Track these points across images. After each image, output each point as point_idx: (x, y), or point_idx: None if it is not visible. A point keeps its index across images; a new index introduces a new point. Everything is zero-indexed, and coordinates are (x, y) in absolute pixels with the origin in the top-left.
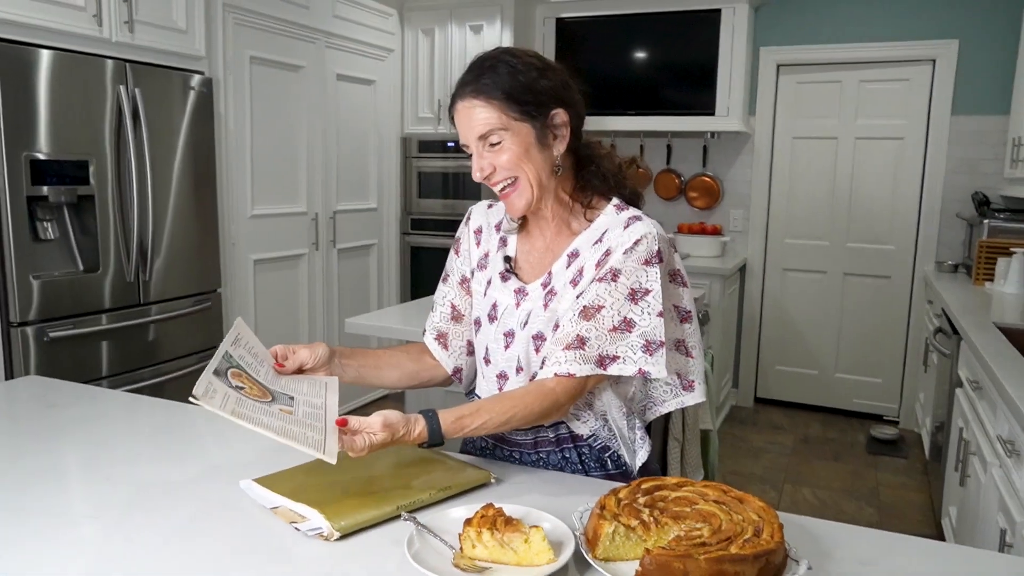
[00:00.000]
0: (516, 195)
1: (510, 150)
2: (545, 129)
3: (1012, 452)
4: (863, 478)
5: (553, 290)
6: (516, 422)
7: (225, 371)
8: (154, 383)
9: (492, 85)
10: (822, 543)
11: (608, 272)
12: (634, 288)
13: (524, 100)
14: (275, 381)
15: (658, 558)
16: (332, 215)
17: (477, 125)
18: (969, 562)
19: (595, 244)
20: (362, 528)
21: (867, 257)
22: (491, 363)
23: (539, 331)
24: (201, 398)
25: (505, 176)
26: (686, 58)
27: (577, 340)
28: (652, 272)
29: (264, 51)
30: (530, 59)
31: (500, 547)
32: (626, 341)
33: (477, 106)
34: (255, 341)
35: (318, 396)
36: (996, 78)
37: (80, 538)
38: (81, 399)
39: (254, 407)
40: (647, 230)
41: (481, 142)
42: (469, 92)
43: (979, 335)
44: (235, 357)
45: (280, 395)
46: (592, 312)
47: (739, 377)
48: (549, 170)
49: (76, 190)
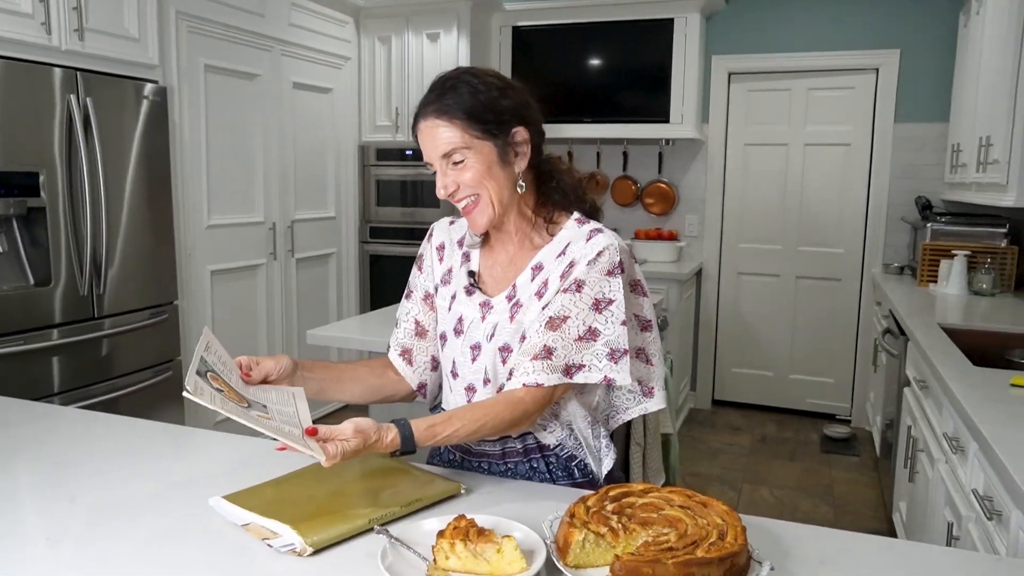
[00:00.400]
0: (478, 212)
1: (473, 168)
2: (507, 147)
3: (957, 449)
4: (818, 476)
5: (519, 303)
6: (487, 431)
7: (204, 374)
8: (108, 399)
9: (454, 105)
10: (783, 543)
11: (573, 283)
12: (598, 298)
13: (485, 119)
14: (245, 390)
15: (628, 564)
16: (290, 224)
17: (440, 144)
18: (920, 557)
19: (558, 257)
20: (335, 543)
21: (818, 260)
22: (459, 376)
23: (505, 343)
24: (193, 393)
25: (468, 193)
26: (641, 66)
27: (544, 350)
28: (615, 282)
29: (219, 59)
30: (491, 79)
31: (473, 558)
32: (591, 350)
33: (440, 125)
34: (223, 351)
35: (288, 405)
36: (936, 87)
37: (46, 560)
38: (36, 417)
39: (237, 409)
40: (609, 242)
41: (444, 160)
42: (431, 112)
43: (924, 335)
44: (209, 363)
45: (254, 403)
46: (558, 323)
47: (697, 380)
48: (511, 187)
49: (26, 202)
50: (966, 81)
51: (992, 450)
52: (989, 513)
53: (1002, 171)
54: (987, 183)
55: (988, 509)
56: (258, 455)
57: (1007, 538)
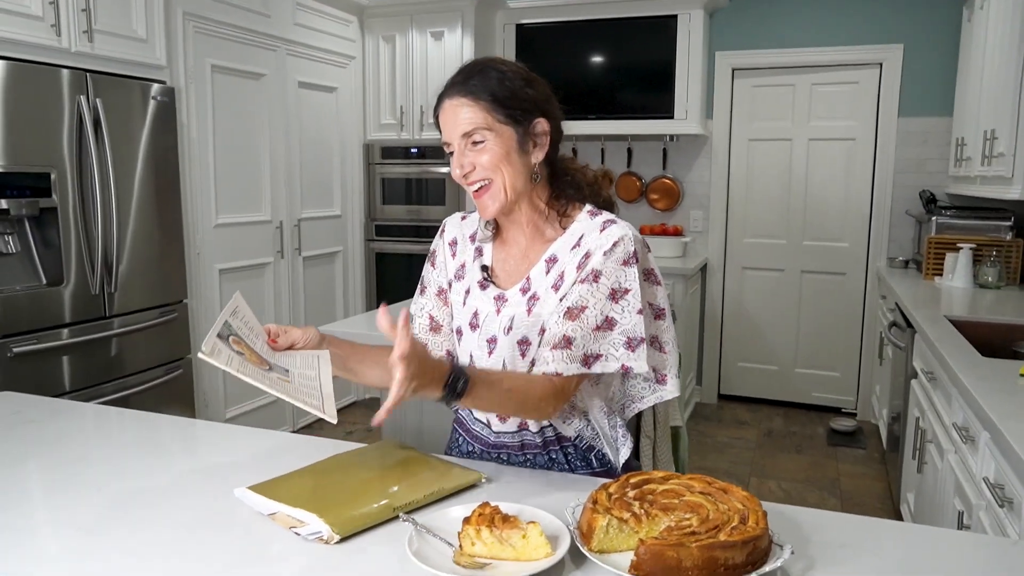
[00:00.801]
0: (489, 196)
1: (491, 151)
2: (527, 136)
3: (967, 438)
4: (824, 469)
5: (536, 295)
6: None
7: (226, 337)
8: (118, 397)
9: (480, 87)
10: (802, 529)
11: (590, 274)
12: (614, 288)
13: (509, 104)
14: (269, 355)
15: (652, 547)
16: (296, 223)
17: (462, 123)
18: (937, 540)
19: (573, 248)
20: (361, 530)
21: (822, 255)
22: None
23: (524, 336)
24: (209, 355)
25: (482, 176)
26: (644, 63)
27: (563, 340)
28: (631, 272)
29: (225, 59)
30: (517, 69)
31: (499, 543)
32: (609, 339)
33: (464, 105)
34: (251, 316)
35: (311, 368)
36: (939, 81)
37: (76, 551)
38: (59, 413)
39: (255, 371)
40: (623, 232)
41: (464, 140)
42: (457, 91)
43: (932, 328)
44: (233, 327)
45: (276, 366)
46: (576, 312)
47: (702, 374)
48: (527, 176)
49: (38, 202)
50: (970, 75)
51: (1004, 439)
52: (1001, 500)
53: (1007, 164)
54: (992, 176)
55: (999, 497)
56: (278, 448)
57: (1018, 524)
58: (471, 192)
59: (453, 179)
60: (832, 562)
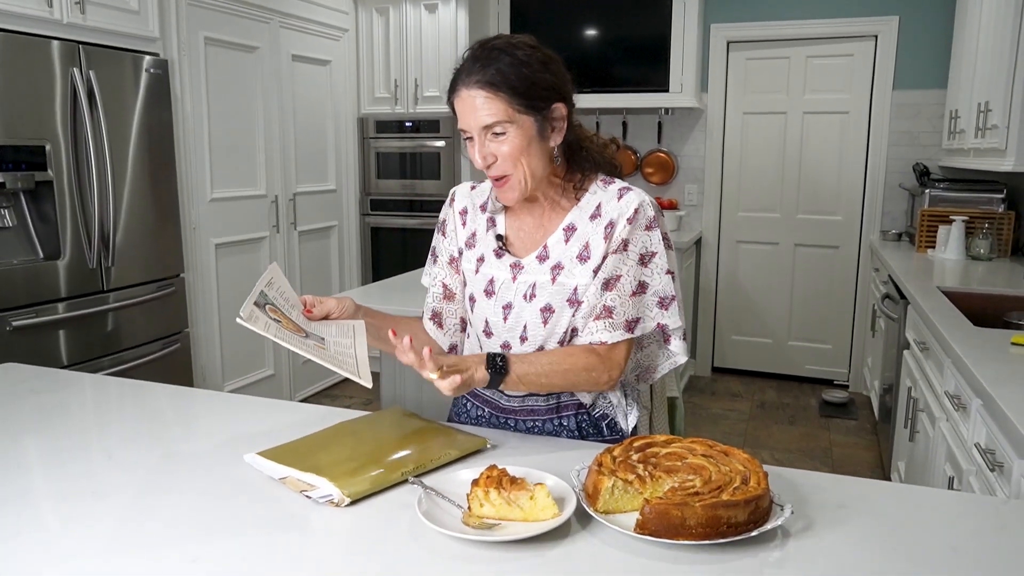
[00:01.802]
0: (508, 188)
1: (512, 142)
2: (545, 122)
3: (959, 406)
4: (817, 439)
5: (559, 265)
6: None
7: (263, 305)
8: (117, 371)
9: (499, 78)
10: (800, 490)
11: (619, 244)
12: (642, 253)
13: (530, 95)
14: (306, 324)
15: (657, 507)
16: (292, 197)
17: (483, 116)
18: (932, 500)
19: (593, 218)
20: (371, 494)
21: (816, 228)
22: (493, 335)
23: (548, 304)
24: (247, 320)
25: (503, 171)
26: (639, 36)
27: (605, 310)
28: (655, 235)
29: (218, 32)
30: (532, 50)
31: (507, 505)
32: (643, 302)
33: (483, 97)
34: (287, 287)
35: (347, 336)
36: (934, 53)
37: (95, 515)
38: (63, 384)
39: (292, 337)
40: (641, 198)
41: (484, 131)
42: (475, 82)
43: (925, 299)
44: (269, 296)
45: (312, 334)
46: (613, 283)
47: (697, 347)
48: (547, 161)
49: (33, 176)
50: (965, 47)
51: (996, 405)
52: (991, 465)
53: (1001, 136)
54: (986, 148)
55: (990, 461)
56: (282, 416)
57: (1008, 487)
58: (491, 179)
59: (473, 165)
60: (831, 521)
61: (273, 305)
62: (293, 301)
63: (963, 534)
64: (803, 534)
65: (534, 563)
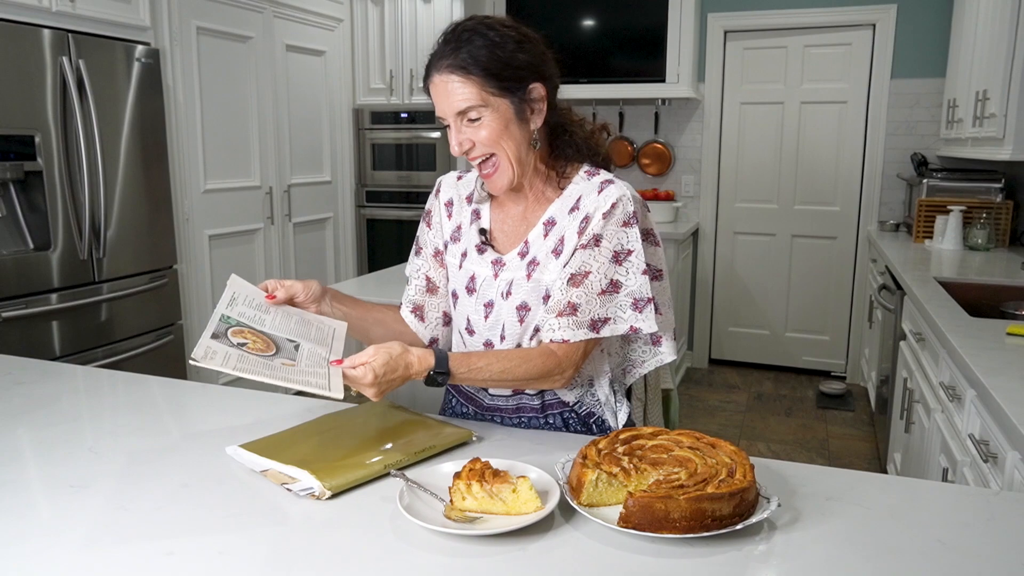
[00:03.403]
0: (497, 175)
1: (489, 126)
2: (523, 104)
3: (953, 397)
4: (813, 431)
5: (535, 260)
6: (520, 373)
7: (224, 332)
8: (109, 362)
9: (471, 60)
10: (788, 482)
11: (591, 238)
12: (617, 250)
13: (503, 76)
14: (281, 328)
15: (641, 500)
16: (286, 189)
17: (456, 101)
18: (921, 492)
19: (571, 212)
20: (352, 487)
21: (814, 219)
22: (475, 333)
23: (523, 301)
24: (202, 360)
25: (483, 152)
26: (636, 26)
27: (569, 307)
28: (632, 233)
29: (211, 21)
30: (507, 30)
31: (489, 498)
32: (615, 302)
33: (455, 81)
34: (255, 293)
35: (323, 344)
36: (932, 42)
37: (72, 508)
38: (49, 376)
39: (256, 361)
40: (621, 192)
41: (459, 117)
42: (446, 67)
43: (921, 289)
44: (233, 317)
45: (285, 345)
46: (580, 279)
47: (694, 339)
48: (527, 144)
49: (23, 166)
50: (963, 35)
51: (990, 395)
52: (985, 456)
53: (998, 125)
54: (983, 137)
55: (984, 452)
56: (270, 409)
57: (1002, 478)
58: (475, 166)
59: (452, 153)
60: (819, 513)
61: (239, 325)
62: (265, 307)
63: (952, 526)
64: (789, 527)
65: (515, 557)
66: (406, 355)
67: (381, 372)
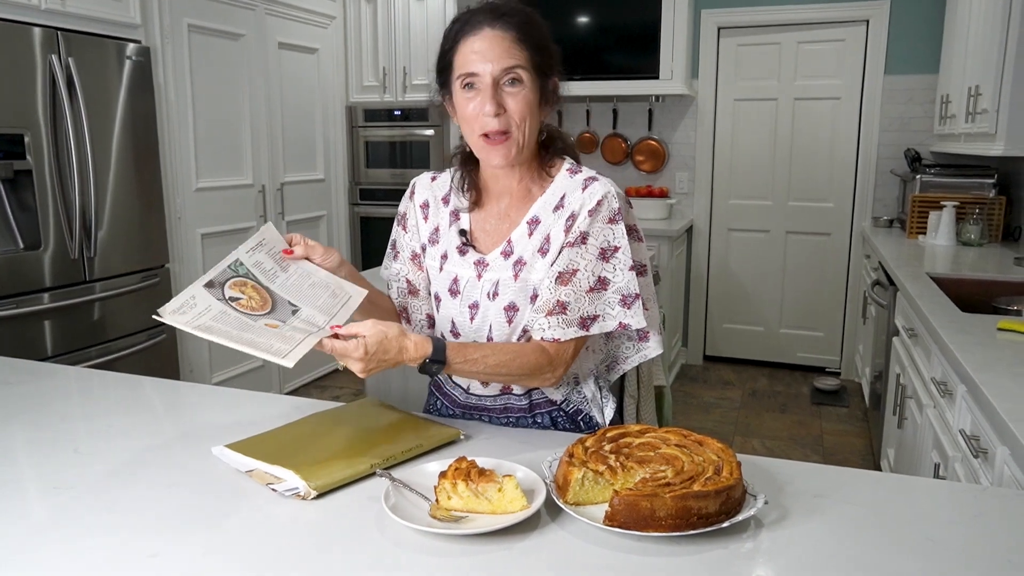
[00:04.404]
0: (504, 146)
1: (525, 97)
2: (546, 92)
3: (945, 393)
4: (808, 427)
5: (521, 260)
6: (514, 368)
7: (224, 282)
8: (102, 362)
9: (529, 30)
10: (777, 480)
11: (577, 236)
12: (603, 247)
13: (544, 57)
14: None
15: (626, 498)
16: (279, 187)
17: (509, 58)
18: (910, 489)
19: (556, 210)
20: (338, 487)
21: (808, 215)
22: (460, 336)
23: (511, 302)
24: (167, 316)
25: (507, 124)
26: (630, 22)
27: (558, 306)
28: (618, 229)
29: (202, 19)
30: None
31: (475, 497)
32: (603, 299)
33: (511, 40)
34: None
35: (327, 313)
36: (925, 38)
37: (57, 509)
38: (36, 376)
39: (234, 321)
40: (606, 190)
41: (503, 75)
42: (505, 23)
43: (914, 285)
44: (245, 265)
45: (283, 306)
46: (568, 277)
47: (688, 336)
48: (537, 132)
49: (12, 164)
50: (956, 31)
51: (980, 391)
52: (975, 451)
53: (991, 120)
54: (976, 133)
55: (974, 448)
56: (260, 408)
57: (992, 474)
58: (478, 135)
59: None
60: (806, 511)
61: (246, 276)
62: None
63: (941, 523)
64: (776, 525)
65: (501, 556)
66: (402, 338)
67: (372, 349)
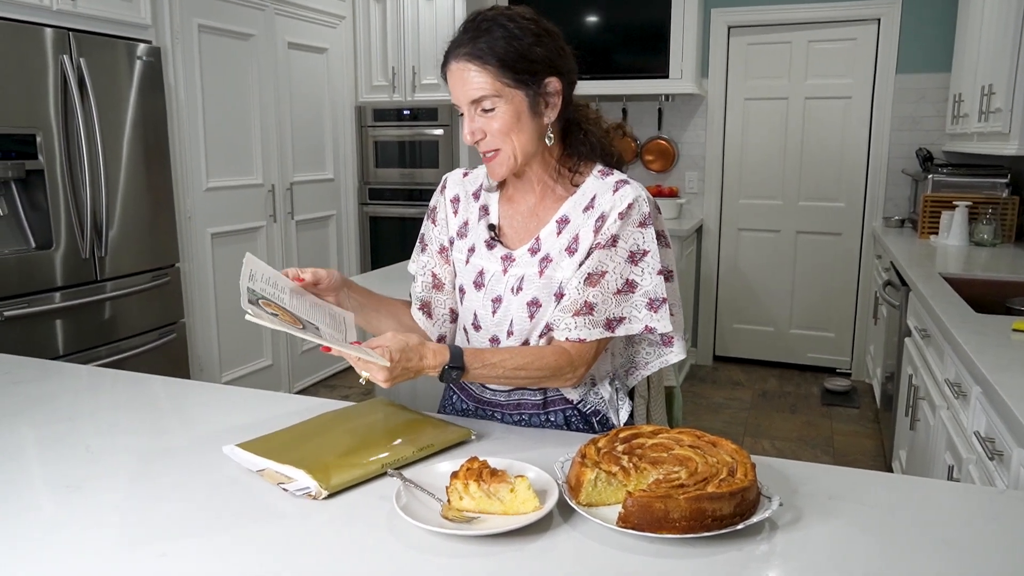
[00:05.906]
0: (497, 163)
1: (501, 118)
2: (538, 97)
3: (959, 394)
4: (818, 428)
5: (548, 257)
6: (533, 371)
7: (256, 302)
8: (113, 361)
9: (488, 50)
10: (791, 481)
11: (608, 238)
12: (632, 251)
13: (518, 68)
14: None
15: (640, 499)
16: (289, 186)
17: (471, 89)
18: (925, 491)
19: (586, 210)
20: (349, 486)
21: (818, 215)
22: (481, 329)
23: (534, 298)
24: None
25: (492, 146)
26: (639, 21)
27: (585, 306)
28: (648, 233)
29: (212, 19)
30: (527, 23)
31: (487, 498)
32: (630, 302)
33: (471, 70)
34: (269, 271)
35: (339, 330)
36: (938, 36)
37: (67, 507)
38: (46, 375)
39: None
40: (637, 193)
41: (474, 106)
42: (464, 55)
43: (926, 286)
44: (257, 291)
45: (308, 324)
46: (597, 278)
47: (698, 336)
48: (539, 138)
49: (24, 165)
50: (968, 29)
51: (996, 393)
52: (991, 453)
53: (1004, 119)
54: (989, 132)
55: (989, 450)
56: (270, 407)
57: (1007, 476)
58: (481, 153)
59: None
60: (821, 513)
61: (265, 299)
62: (283, 285)
63: (956, 526)
64: (791, 526)
65: (513, 557)
66: (422, 347)
67: (396, 356)
